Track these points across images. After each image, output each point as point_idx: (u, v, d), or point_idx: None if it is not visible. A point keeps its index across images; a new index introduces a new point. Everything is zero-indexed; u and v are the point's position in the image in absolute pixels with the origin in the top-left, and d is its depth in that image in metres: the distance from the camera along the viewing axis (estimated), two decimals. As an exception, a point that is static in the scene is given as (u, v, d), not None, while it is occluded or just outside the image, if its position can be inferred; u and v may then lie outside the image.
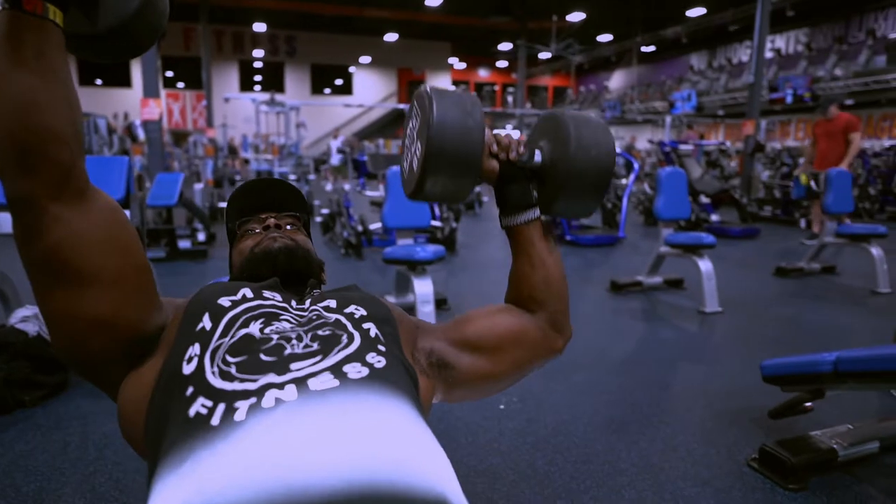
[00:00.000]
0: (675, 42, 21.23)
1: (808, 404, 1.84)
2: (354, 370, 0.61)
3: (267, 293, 0.75)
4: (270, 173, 8.62)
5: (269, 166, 9.11)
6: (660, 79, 25.05)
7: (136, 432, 0.67)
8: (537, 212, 0.89)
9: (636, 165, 6.80)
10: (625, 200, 6.16)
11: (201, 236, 5.40)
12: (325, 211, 5.62)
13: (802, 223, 7.29)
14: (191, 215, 5.63)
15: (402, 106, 18.96)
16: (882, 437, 1.74)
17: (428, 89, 0.81)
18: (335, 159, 11.93)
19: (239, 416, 0.54)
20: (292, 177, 8.15)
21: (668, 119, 16.33)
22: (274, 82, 24.00)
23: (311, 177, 8.85)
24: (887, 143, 14.17)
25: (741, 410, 2.10)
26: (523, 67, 21.72)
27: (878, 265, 3.92)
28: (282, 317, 0.70)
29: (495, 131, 0.93)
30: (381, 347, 0.69)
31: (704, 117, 20.95)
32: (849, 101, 16.95)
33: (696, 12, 18.56)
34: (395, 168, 3.11)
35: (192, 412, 0.57)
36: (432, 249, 2.95)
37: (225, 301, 0.71)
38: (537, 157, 0.88)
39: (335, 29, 23.50)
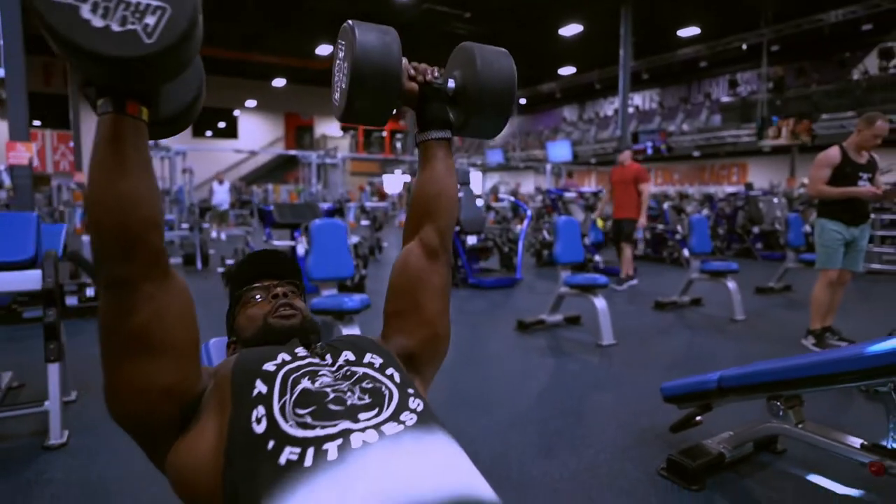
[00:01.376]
0: (549, 96, 23.26)
1: (699, 418, 2.21)
2: (408, 417, 0.75)
3: (298, 353, 0.86)
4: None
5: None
6: (537, 129, 27.14)
7: (202, 491, 0.73)
8: (449, 132, 1.05)
9: (528, 211, 7.37)
10: (520, 244, 6.65)
11: (89, 291, 5.01)
12: (229, 262, 5.49)
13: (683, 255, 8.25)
14: (75, 269, 5.22)
15: (289, 152, 18.77)
16: (754, 439, 2.13)
17: (350, 22, 0.94)
18: (221, 203, 11.52)
19: (331, 456, 0.66)
20: (184, 225, 7.78)
21: (549, 167, 17.71)
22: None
23: (206, 225, 8.48)
24: (729, 189, 16.42)
25: (646, 428, 2.44)
26: (412, 116, 22.48)
27: (734, 297, 4.63)
28: (320, 372, 0.81)
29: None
30: (410, 390, 0.83)
31: (579, 165, 22.98)
32: (696, 153, 19.57)
33: (567, 71, 20.58)
34: (319, 221, 3.22)
35: (282, 461, 0.66)
36: (359, 299, 3.08)
37: (269, 366, 0.80)
38: (450, 83, 1.03)
39: (218, 71, 22.87)
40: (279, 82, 22.63)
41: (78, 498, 1.88)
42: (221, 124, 25.56)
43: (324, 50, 17.69)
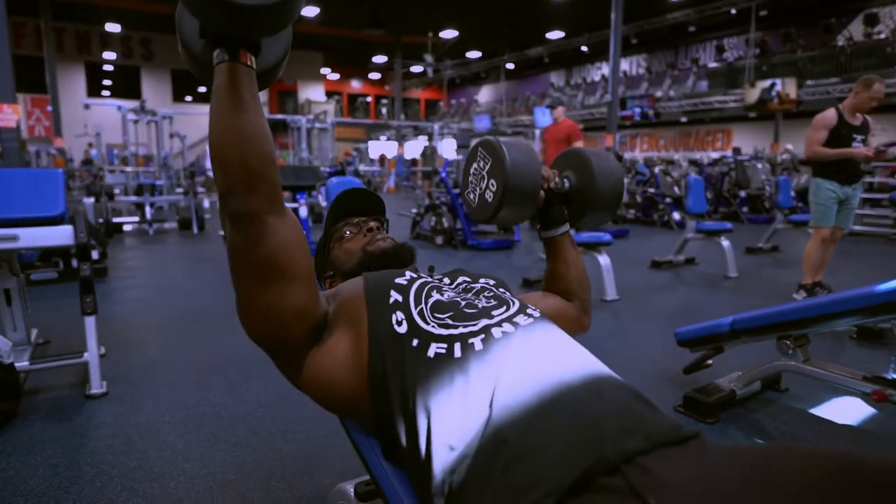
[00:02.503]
0: (537, 61, 23.06)
1: (710, 361, 2.37)
2: (533, 312, 0.87)
3: (422, 274, 0.97)
4: (156, 188, 8.07)
5: (148, 178, 8.53)
6: (524, 94, 26.96)
7: (347, 391, 0.83)
8: (568, 226, 1.18)
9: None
10: (517, 207, 6.74)
11: (94, 254, 5.02)
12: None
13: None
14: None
15: (275, 117, 18.42)
16: (761, 378, 2.30)
17: (494, 139, 1.07)
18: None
19: (478, 347, 0.76)
20: (178, 190, 7.74)
21: (537, 132, 17.68)
22: (128, 88, 22.11)
23: (200, 190, 8.43)
24: (714, 154, 16.62)
25: (659, 371, 2.60)
26: (399, 81, 22.21)
27: (728, 255, 4.81)
28: (443, 288, 0.92)
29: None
30: (525, 303, 0.93)
31: (566, 130, 22.94)
32: (683, 119, 19.67)
33: (555, 35, 20.36)
34: (336, 179, 3.26)
35: (431, 353, 0.76)
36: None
37: (401, 280, 0.90)
38: (566, 184, 1.17)
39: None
40: (262, 44, 22.07)
41: (132, 438, 1.98)
42: (202, 89, 24.93)
43: (308, 11, 17.23)
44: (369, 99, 30.33)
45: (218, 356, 2.80)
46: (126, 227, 7.81)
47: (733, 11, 15.92)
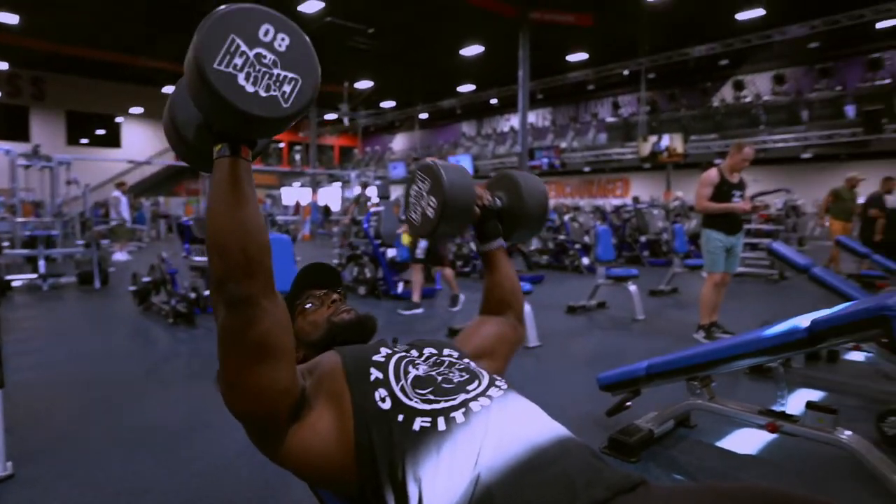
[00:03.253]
0: (450, 111, 24.00)
1: (629, 403, 2.57)
2: (501, 384, 0.97)
3: (393, 348, 1.04)
4: (51, 239, 7.47)
5: (41, 230, 7.88)
6: (438, 143, 27.84)
7: (331, 464, 0.88)
8: (502, 241, 1.32)
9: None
10: (439, 255, 6.92)
11: (-18, 316, 4.57)
12: (146, 279, 5.24)
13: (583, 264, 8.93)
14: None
15: (175, 163, 17.72)
16: (674, 416, 2.52)
17: (431, 161, 1.19)
18: (126, 215, 10.73)
19: (459, 420, 0.85)
20: (79, 242, 7.22)
21: (452, 180, 18.20)
22: (14, 129, 20.52)
23: (105, 241, 7.89)
24: (615, 201, 17.90)
25: (582, 415, 2.78)
26: (314, 128, 22.24)
27: (636, 299, 5.22)
28: (416, 361, 1.00)
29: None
30: (489, 373, 1.03)
31: (479, 179, 23.83)
32: (586, 168, 21.10)
33: (466, 88, 21.40)
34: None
35: (416, 427, 0.84)
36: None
37: (378, 357, 0.97)
38: (498, 202, 1.31)
39: (98, 74, 21.20)
40: (170, 89, 21.35)
41: (50, 524, 1.83)
42: (100, 131, 23.64)
43: (221, 58, 17.00)
44: (282, 145, 29.99)
45: (140, 424, 2.65)
46: (15, 283, 7.14)
47: (626, 73, 17.58)
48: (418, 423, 0.85)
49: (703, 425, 2.63)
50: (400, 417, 0.87)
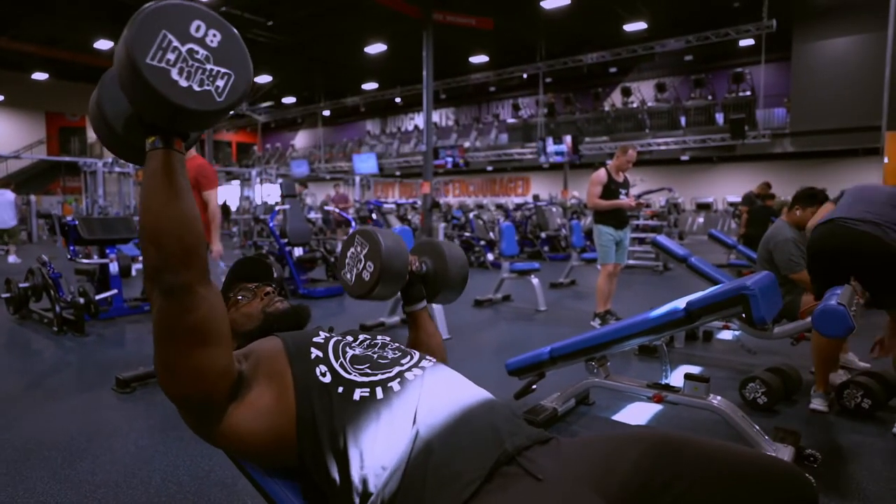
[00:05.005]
0: (354, 109, 23.75)
1: (535, 386, 2.76)
2: (430, 359, 1.06)
3: (331, 333, 1.11)
4: None
5: None
6: (342, 140, 27.42)
7: (269, 440, 0.93)
8: (426, 302, 1.43)
9: (352, 221, 7.65)
10: (348, 254, 6.89)
11: None
12: (23, 284, 4.76)
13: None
14: None
15: (61, 158, 16.14)
16: (575, 395, 2.75)
17: (371, 228, 1.30)
18: (7, 219, 9.60)
19: (396, 388, 0.93)
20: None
21: (357, 179, 18.09)
22: None
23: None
24: (517, 199, 18.64)
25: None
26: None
27: (538, 291, 5.53)
28: (352, 343, 1.07)
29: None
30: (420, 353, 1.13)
31: (385, 177, 23.82)
32: (489, 168, 21.74)
33: (370, 86, 21.28)
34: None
35: (356, 397, 0.92)
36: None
37: (318, 339, 1.04)
38: (423, 268, 1.42)
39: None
40: (40, 76, 19.34)
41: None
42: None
43: (103, 45, 15.69)
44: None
45: (29, 438, 2.45)
46: None
47: (525, 76, 18.34)
48: (357, 394, 0.93)
49: (600, 402, 2.88)
50: (340, 389, 0.94)
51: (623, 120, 18.33)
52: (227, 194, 21.16)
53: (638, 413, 2.77)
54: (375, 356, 1.03)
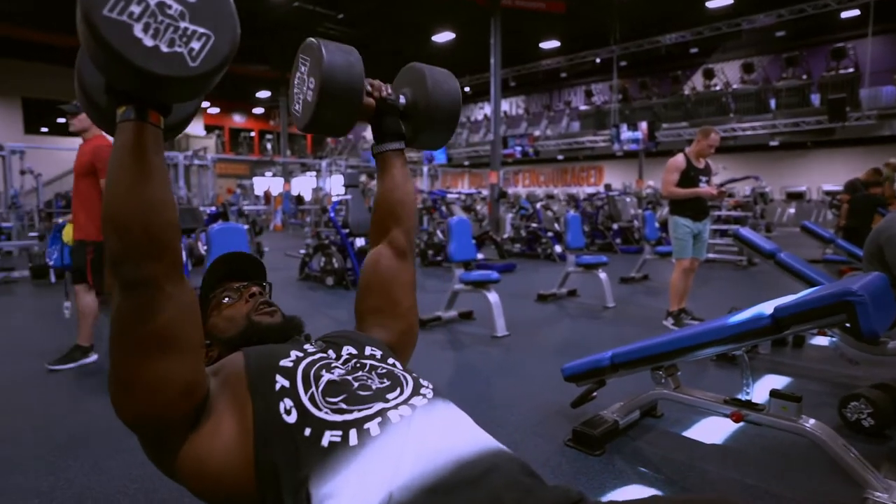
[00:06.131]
0: (423, 100, 23.74)
1: (594, 393, 2.50)
2: (426, 392, 0.87)
3: (307, 349, 0.93)
4: (0, 229, 7.13)
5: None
6: (411, 131, 27.56)
7: (228, 481, 0.77)
8: (403, 143, 1.17)
9: (414, 213, 7.55)
10: (409, 245, 6.80)
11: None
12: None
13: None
14: None
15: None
16: (639, 407, 2.47)
17: (315, 39, 1.03)
18: None
19: (374, 432, 0.74)
20: (32, 234, 6.91)
21: (425, 169, 18.08)
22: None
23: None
24: (589, 189, 17.96)
25: (549, 406, 2.70)
26: (285, 117, 21.79)
27: (605, 286, 5.18)
28: (332, 364, 0.89)
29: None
30: (414, 374, 0.94)
31: (453, 167, 23.71)
32: (559, 157, 21.11)
33: (439, 76, 21.17)
34: (218, 226, 3.10)
35: (325, 443, 0.73)
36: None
37: (286, 363, 0.85)
38: (402, 99, 1.16)
39: (58, 60, 20.33)
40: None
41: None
42: (61, 119, 22.73)
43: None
44: (253, 134, 29.38)
45: (79, 428, 2.49)
46: (-36, 278, 6.80)
47: (598, 61, 17.57)
48: (327, 438, 0.74)
49: (669, 415, 2.58)
50: (307, 431, 0.76)
51: (704, 104, 17.17)
52: (302, 185, 21.83)
53: (714, 430, 2.44)
54: (356, 385, 0.84)
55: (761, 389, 2.70)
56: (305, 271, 6.99)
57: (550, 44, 17.27)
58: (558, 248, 8.82)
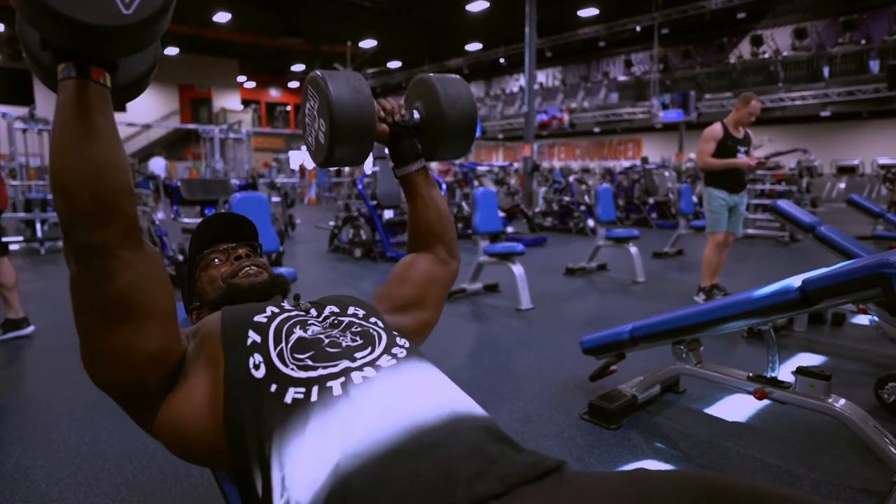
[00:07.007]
0: (457, 71, 23.39)
1: (614, 367, 2.44)
2: (398, 351, 0.82)
3: (284, 306, 0.91)
4: (47, 201, 7.42)
5: (39, 193, 7.83)
6: (446, 104, 27.28)
7: (203, 439, 0.76)
8: (423, 161, 1.14)
9: (444, 184, 7.49)
10: (437, 217, 6.77)
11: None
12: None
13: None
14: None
15: (186, 126, 17.46)
16: (660, 381, 2.39)
17: (320, 73, 0.99)
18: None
19: (336, 391, 0.71)
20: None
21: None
22: (18, 93, 20.36)
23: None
24: (626, 163, 17.49)
25: (568, 379, 2.66)
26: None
27: (636, 261, 5.04)
28: (308, 322, 0.86)
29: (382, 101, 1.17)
30: (394, 333, 0.89)
31: (487, 140, 23.43)
32: (596, 129, 20.58)
33: (473, 47, 20.78)
34: (241, 195, 3.13)
35: (288, 399, 0.71)
36: (286, 271, 3.04)
37: (260, 318, 0.83)
38: (416, 116, 1.12)
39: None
40: (171, 51, 21.00)
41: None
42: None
43: (221, 17, 16.62)
44: (289, 108, 29.60)
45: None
46: (13, 247, 7.12)
47: (638, 28, 16.89)
48: (291, 395, 0.72)
49: (692, 391, 2.50)
50: (273, 387, 0.73)
51: (751, 73, 16.36)
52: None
53: (738, 408, 2.35)
54: (327, 341, 0.81)
55: (793, 368, 2.58)
56: (335, 243, 7.05)
57: (588, 11, 16.66)
58: (591, 223, 8.64)
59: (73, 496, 1.73)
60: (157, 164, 13.69)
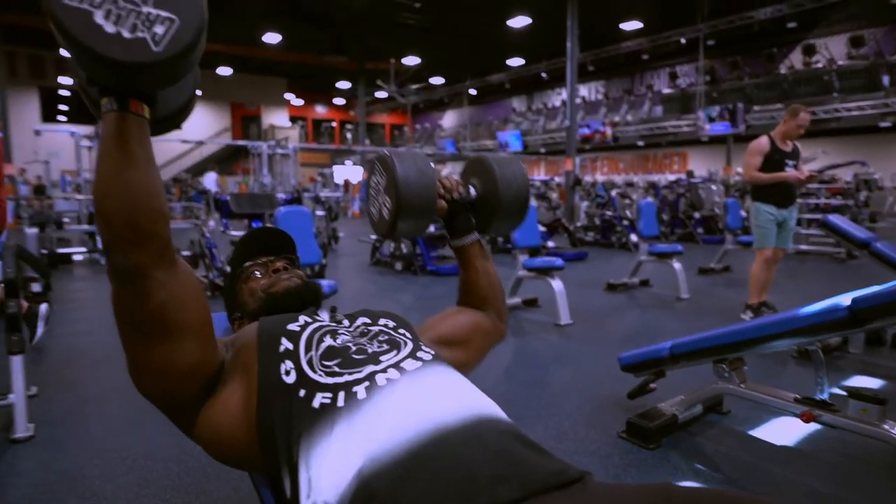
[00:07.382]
0: (499, 86, 23.49)
1: (653, 385, 2.40)
2: (423, 355, 0.86)
3: (317, 316, 0.95)
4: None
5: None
6: (487, 119, 27.38)
7: (238, 443, 0.80)
8: (477, 235, 1.19)
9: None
10: (477, 231, 6.80)
11: (36, 287, 4.81)
12: (185, 253, 5.37)
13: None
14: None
15: (237, 142, 18.14)
16: (703, 400, 2.33)
17: (387, 152, 1.07)
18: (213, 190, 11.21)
19: (361, 395, 0.75)
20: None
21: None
22: (86, 113, 21.61)
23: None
24: (671, 177, 17.12)
25: (605, 396, 2.62)
26: (363, 106, 22.31)
27: (680, 277, 4.93)
28: (339, 331, 0.90)
29: (443, 172, 1.23)
30: (421, 342, 0.93)
31: (529, 154, 23.36)
32: (640, 143, 20.26)
33: (515, 62, 20.86)
34: (285, 208, 3.24)
35: (315, 404, 0.74)
36: (327, 284, 3.13)
37: (293, 327, 0.88)
38: (472, 192, 1.18)
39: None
40: (225, 71, 21.92)
41: (54, 487, 1.87)
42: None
43: (270, 38, 17.26)
44: (334, 124, 30.33)
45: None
46: (77, 258, 7.54)
47: (683, 41, 16.59)
48: (318, 399, 0.75)
49: (737, 412, 2.42)
50: (302, 392, 0.77)
51: (803, 83, 15.81)
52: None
53: (787, 431, 2.26)
54: (354, 348, 0.84)
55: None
56: (376, 256, 7.16)
57: (631, 25, 16.49)
58: (634, 238, 8.48)
59: (125, 495, 1.81)
60: (210, 179, 14.32)
